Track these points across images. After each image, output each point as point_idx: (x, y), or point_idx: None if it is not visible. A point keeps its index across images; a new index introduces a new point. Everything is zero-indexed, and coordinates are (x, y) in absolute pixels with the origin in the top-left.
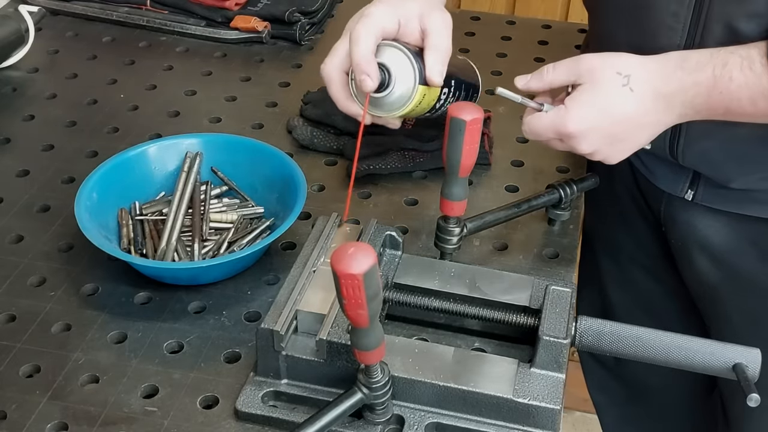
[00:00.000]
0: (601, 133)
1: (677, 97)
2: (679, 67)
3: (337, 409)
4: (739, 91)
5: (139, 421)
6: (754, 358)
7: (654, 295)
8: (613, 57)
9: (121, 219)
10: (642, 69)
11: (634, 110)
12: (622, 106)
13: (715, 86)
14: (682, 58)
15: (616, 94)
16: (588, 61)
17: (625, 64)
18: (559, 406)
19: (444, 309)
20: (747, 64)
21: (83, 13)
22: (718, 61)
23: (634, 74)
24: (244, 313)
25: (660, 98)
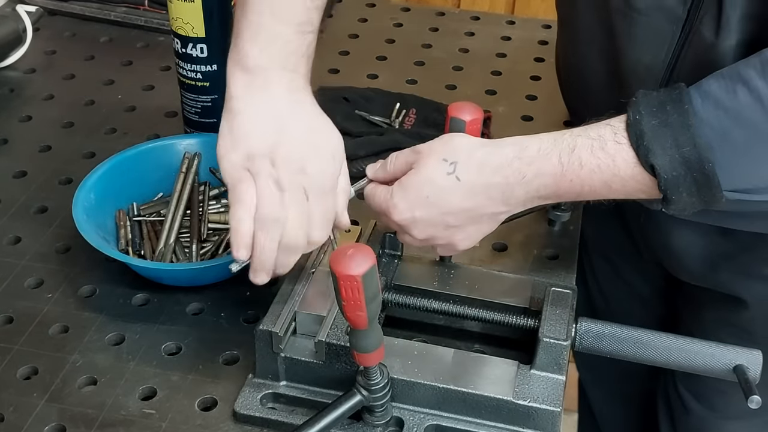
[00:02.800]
0: (429, 222)
1: (517, 190)
2: (517, 156)
3: (336, 411)
4: (591, 177)
5: (137, 424)
6: (755, 359)
7: (644, 293)
8: (443, 142)
9: (119, 220)
10: (469, 157)
11: (461, 201)
12: (448, 197)
13: (563, 175)
14: (520, 146)
15: (441, 182)
16: (421, 148)
17: (452, 150)
18: (559, 408)
19: (443, 310)
20: (598, 145)
21: (81, 13)
22: (564, 147)
23: (461, 161)
24: (242, 315)
25: (494, 190)
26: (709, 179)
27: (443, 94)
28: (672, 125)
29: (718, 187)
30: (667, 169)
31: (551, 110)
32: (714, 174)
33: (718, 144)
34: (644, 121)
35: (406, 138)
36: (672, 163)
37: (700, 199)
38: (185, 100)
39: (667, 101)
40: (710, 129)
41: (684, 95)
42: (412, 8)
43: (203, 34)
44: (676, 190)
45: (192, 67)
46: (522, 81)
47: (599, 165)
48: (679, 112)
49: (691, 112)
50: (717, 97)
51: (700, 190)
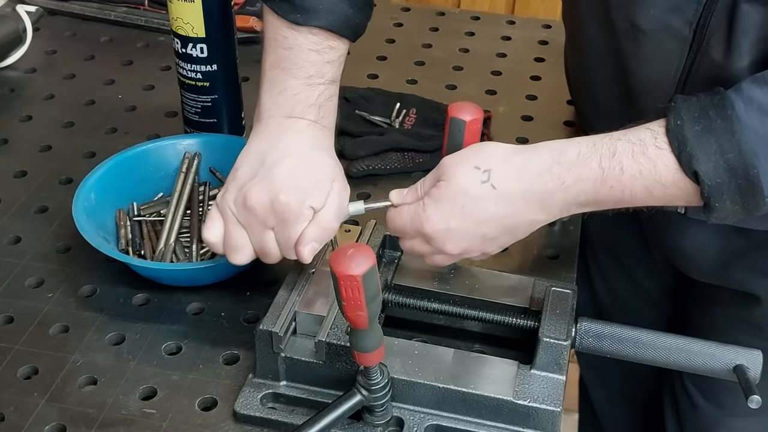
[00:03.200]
0: (465, 234)
1: (556, 196)
2: (556, 161)
3: (337, 411)
4: (632, 182)
5: (137, 423)
6: (755, 359)
7: (653, 292)
8: (474, 150)
9: (119, 220)
10: (505, 164)
11: (498, 211)
12: (484, 206)
13: (603, 180)
14: (559, 150)
15: (475, 192)
16: (449, 159)
17: (485, 158)
18: (560, 408)
19: (443, 311)
20: (639, 149)
21: (81, 12)
22: (604, 151)
23: (495, 169)
24: (242, 315)
25: (531, 197)
26: (754, 186)
27: (443, 94)
28: (716, 131)
29: (761, 195)
30: (711, 175)
31: (551, 110)
32: (758, 180)
33: (762, 150)
34: (686, 127)
35: (406, 138)
36: (716, 169)
37: (743, 206)
38: (185, 100)
39: (709, 106)
40: (755, 135)
41: (726, 101)
42: (412, 8)
43: (203, 34)
44: (719, 198)
45: (192, 67)
46: (522, 81)
47: (641, 170)
48: (722, 117)
49: (735, 118)
50: (761, 103)
51: (743, 198)
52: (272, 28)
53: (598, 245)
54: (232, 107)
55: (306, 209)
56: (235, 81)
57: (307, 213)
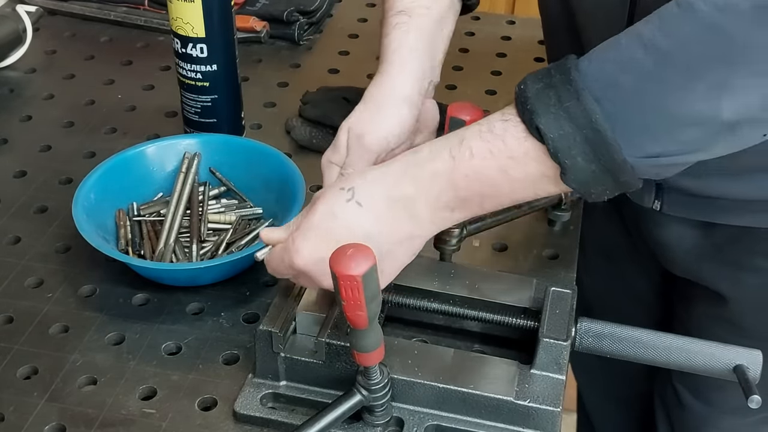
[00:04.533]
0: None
1: (418, 201)
2: (410, 164)
3: (336, 411)
4: (484, 165)
5: (137, 423)
6: (755, 359)
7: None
8: (341, 176)
9: (119, 220)
10: (364, 180)
11: (368, 229)
12: (352, 226)
13: (456, 169)
14: (411, 154)
15: (342, 212)
16: (319, 192)
17: (347, 179)
18: (559, 408)
19: (443, 310)
20: (486, 128)
21: (81, 12)
22: (454, 142)
23: (357, 186)
24: (242, 315)
25: (396, 206)
26: (602, 136)
27: (443, 94)
28: (555, 86)
29: (616, 149)
30: (552, 127)
31: None
32: (605, 129)
33: (604, 93)
34: (528, 87)
35: None
36: (557, 120)
37: (600, 166)
38: (185, 100)
39: (553, 67)
40: (594, 80)
41: (569, 59)
42: None
43: (203, 34)
44: (567, 153)
45: (192, 67)
46: None
47: (490, 150)
48: (562, 71)
49: (574, 69)
50: (601, 53)
51: (596, 152)
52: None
53: (587, 244)
54: (232, 107)
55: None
56: (235, 81)
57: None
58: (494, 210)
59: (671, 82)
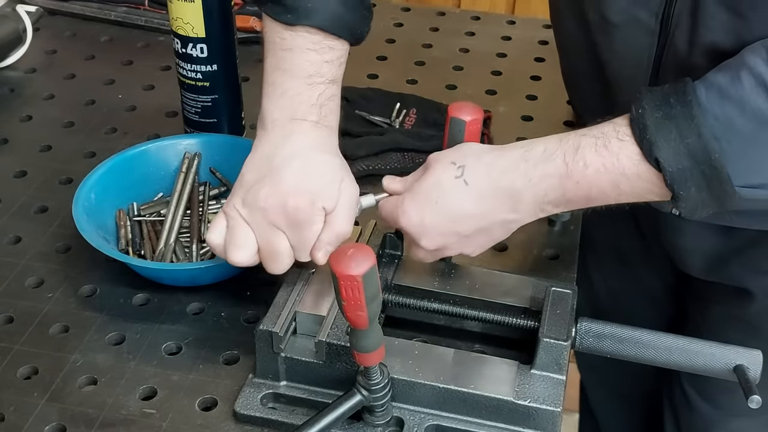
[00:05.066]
0: (439, 231)
1: (525, 194)
2: (523, 158)
3: (337, 411)
4: (597, 177)
5: (137, 423)
6: (755, 359)
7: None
8: (456, 147)
9: (119, 220)
10: (477, 161)
11: (470, 209)
12: (457, 202)
13: (568, 176)
14: (526, 148)
15: (448, 186)
16: (434, 154)
17: (462, 154)
18: (560, 409)
19: (444, 311)
20: (602, 143)
21: (81, 12)
22: (568, 147)
23: (468, 165)
24: (242, 315)
25: (502, 194)
26: (718, 172)
27: (443, 94)
28: (675, 117)
29: (728, 181)
30: (671, 162)
31: (551, 110)
32: (722, 166)
33: (723, 134)
34: (647, 115)
35: (406, 138)
36: (677, 155)
37: (711, 195)
38: (185, 100)
39: (671, 94)
40: (714, 119)
41: (688, 87)
42: (412, 8)
43: (203, 34)
44: (683, 185)
45: (192, 67)
46: (522, 81)
47: (604, 164)
48: (682, 103)
49: (695, 103)
50: (721, 87)
51: (709, 185)
52: (270, 32)
53: (599, 244)
54: (232, 107)
55: (317, 211)
56: (235, 81)
57: (318, 215)
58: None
59: None
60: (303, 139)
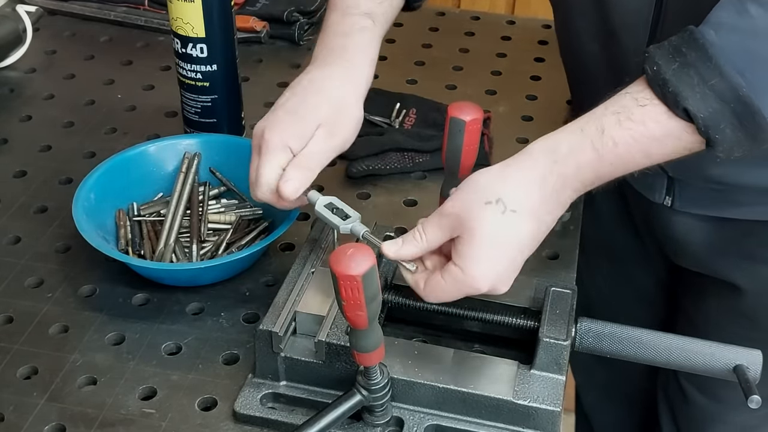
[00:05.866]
0: (512, 268)
1: (564, 191)
2: (553, 161)
3: (336, 411)
4: (629, 151)
5: (136, 423)
6: (755, 359)
7: (646, 287)
8: (472, 186)
9: (119, 220)
10: (506, 186)
11: (529, 230)
12: (518, 234)
13: (601, 161)
14: (549, 149)
15: (503, 227)
16: (452, 208)
17: (489, 191)
18: (559, 408)
19: (443, 311)
20: (625, 116)
21: (81, 12)
22: (593, 133)
23: (503, 196)
24: (242, 315)
25: (548, 202)
26: (748, 106)
27: (443, 94)
28: (693, 63)
29: (759, 113)
30: (701, 107)
31: (551, 110)
32: (750, 99)
33: (746, 65)
34: (663, 69)
35: (406, 138)
36: (705, 99)
37: (746, 133)
38: (185, 100)
39: (681, 44)
40: (732, 54)
41: (696, 33)
42: None
43: (203, 34)
44: (717, 128)
45: (192, 67)
46: (522, 81)
47: (633, 136)
48: (695, 49)
49: (708, 45)
50: (729, 23)
51: (742, 122)
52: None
53: (592, 243)
54: (232, 107)
55: (282, 149)
56: (235, 81)
57: (282, 152)
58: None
59: None
60: (312, 77)
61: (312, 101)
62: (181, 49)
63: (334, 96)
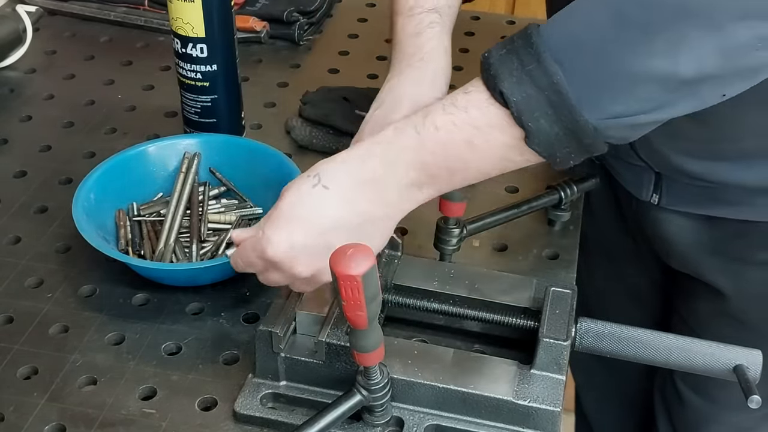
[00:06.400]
0: (310, 250)
1: (387, 180)
2: (375, 142)
3: (336, 411)
4: (451, 138)
5: (137, 423)
6: (755, 359)
7: (640, 287)
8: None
9: (119, 220)
10: (329, 163)
11: (337, 212)
12: (321, 210)
13: (422, 145)
14: (377, 134)
15: (309, 197)
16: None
17: (312, 168)
18: (559, 408)
19: (443, 310)
20: (449, 102)
21: (81, 13)
22: (417, 118)
23: (323, 171)
24: (242, 315)
25: (363, 187)
26: (562, 96)
27: None
28: (517, 50)
29: (576, 109)
30: (515, 91)
31: None
32: (565, 88)
33: (564, 54)
34: (491, 56)
35: None
36: (520, 83)
37: (563, 127)
38: (185, 100)
39: (516, 35)
40: (555, 43)
41: (531, 26)
42: None
43: (203, 34)
44: (531, 116)
45: (192, 67)
46: None
47: (454, 122)
48: (523, 37)
49: (535, 33)
50: (562, 18)
51: (558, 114)
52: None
53: (587, 243)
54: (232, 107)
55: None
56: (235, 81)
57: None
58: (463, 186)
59: (630, 39)
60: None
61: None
62: (181, 49)
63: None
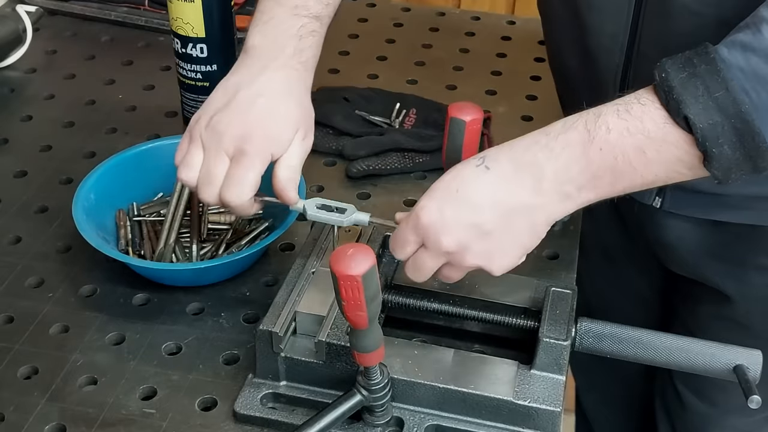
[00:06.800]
0: (462, 223)
1: (546, 168)
2: (544, 133)
3: (337, 411)
4: (621, 141)
5: (137, 423)
6: (755, 359)
7: (641, 291)
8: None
9: (119, 220)
10: (498, 148)
11: (491, 191)
12: (479, 187)
13: (591, 142)
14: (546, 127)
15: (469, 173)
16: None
17: (482, 153)
18: (560, 409)
19: (444, 311)
20: (624, 108)
21: (81, 13)
22: (589, 116)
23: (490, 154)
24: (242, 315)
25: (522, 171)
26: (749, 124)
27: (443, 94)
28: (701, 75)
29: (760, 135)
30: (701, 117)
31: (551, 110)
32: (752, 117)
33: (751, 85)
34: (671, 77)
35: (406, 138)
36: (707, 111)
37: (744, 153)
38: (185, 100)
39: (693, 56)
40: (740, 71)
41: (710, 48)
42: (412, 8)
43: (203, 34)
44: (715, 142)
45: (192, 67)
46: (522, 81)
47: (628, 128)
48: (706, 62)
49: (719, 59)
50: (743, 42)
51: (742, 140)
52: None
53: (587, 244)
54: None
55: (266, 155)
56: None
57: (262, 159)
58: (625, 193)
59: None
60: (273, 78)
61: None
62: (181, 49)
63: (303, 100)
